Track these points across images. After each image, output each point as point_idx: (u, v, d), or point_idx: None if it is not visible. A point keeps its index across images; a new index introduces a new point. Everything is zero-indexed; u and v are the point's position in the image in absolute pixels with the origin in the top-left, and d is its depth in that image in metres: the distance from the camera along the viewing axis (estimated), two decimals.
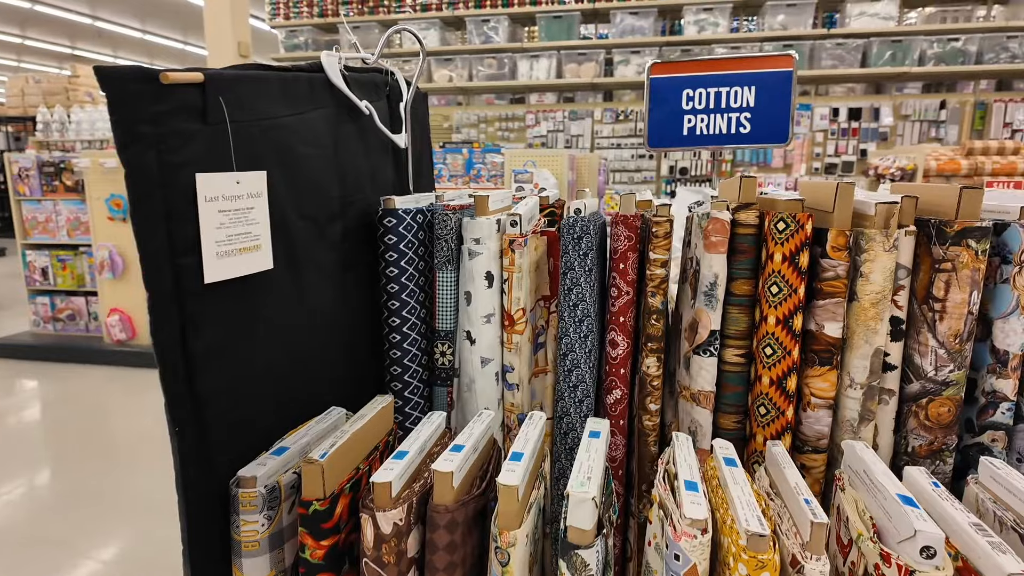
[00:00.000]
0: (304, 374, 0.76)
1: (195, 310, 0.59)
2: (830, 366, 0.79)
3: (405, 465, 0.63)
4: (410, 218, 0.87)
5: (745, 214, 0.82)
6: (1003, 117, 5.91)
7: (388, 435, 0.77)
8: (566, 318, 0.87)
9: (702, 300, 0.83)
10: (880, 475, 0.60)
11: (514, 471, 0.59)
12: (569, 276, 0.86)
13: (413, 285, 0.89)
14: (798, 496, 0.58)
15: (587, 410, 0.88)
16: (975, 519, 0.54)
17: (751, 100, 1.25)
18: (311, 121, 0.75)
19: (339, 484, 0.63)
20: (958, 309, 0.74)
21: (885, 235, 0.75)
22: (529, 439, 0.67)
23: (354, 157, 0.88)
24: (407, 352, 0.89)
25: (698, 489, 0.58)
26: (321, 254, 0.78)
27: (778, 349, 0.80)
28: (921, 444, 0.79)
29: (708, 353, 0.83)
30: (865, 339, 0.77)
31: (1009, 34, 5.56)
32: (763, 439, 0.82)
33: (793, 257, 0.78)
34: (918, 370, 0.78)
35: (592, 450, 0.65)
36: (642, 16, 6.17)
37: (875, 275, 0.76)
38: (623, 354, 0.88)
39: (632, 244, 0.86)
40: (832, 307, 0.78)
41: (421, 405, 0.92)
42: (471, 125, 6.95)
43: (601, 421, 0.74)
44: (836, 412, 0.81)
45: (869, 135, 6.03)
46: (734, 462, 0.65)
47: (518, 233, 0.86)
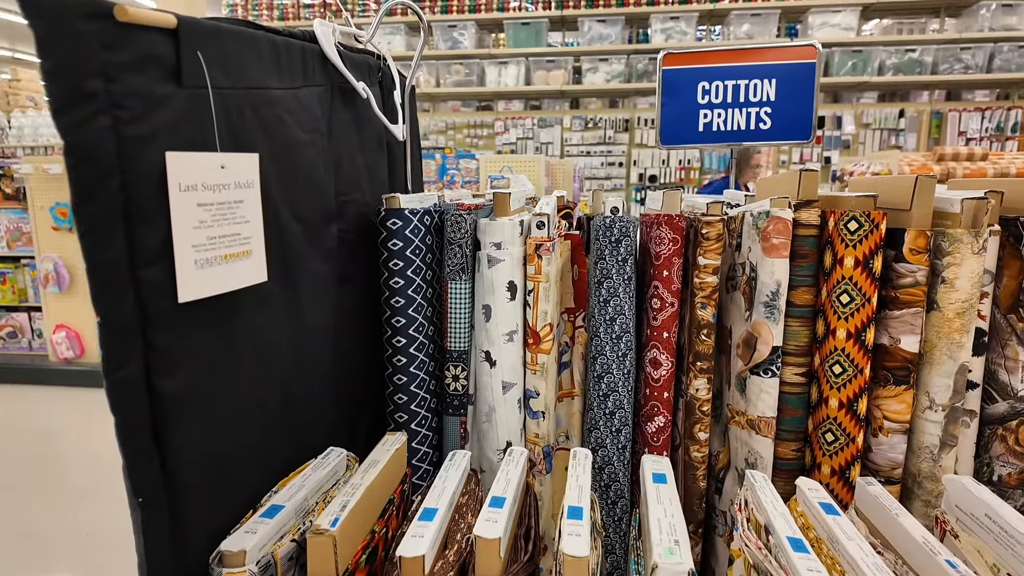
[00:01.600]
0: (297, 411, 0.62)
1: (165, 340, 0.44)
2: (906, 385, 0.69)
3: (436, 529, 0.50)
4: (417, 219, 0.74)
5: (807, 213, 0.72)
6: (957, 126, 6.11)
7: (402, 483, 0.64)
8: (601, 334, 0.75)
9: (761, 312, 0.72)
10: (1016, 521, 0.50)
11: (580, 536, 0.47)
12: (606, 286, 0.74)
13: (421, 298, 0.76)
14: (936, 556, 0.47)
15: (625, 440, 0.76)
16: None
17: (771, 94, 1.16)
18: (305, 100, 0.61)
19: (353, 556, 0.49)
20: None
21: (974, 235, 0.65)
22: (583, 487, 0.55)
23: (350, 148, 0.74)
24: (414, 377, 0.76)
25: (808, 551, 0.47)
26: (316, 264, 0.64)
27: (848, 367, 0.70)
28: (1010, 472, 0.69)
29: (770, 373, 0.72)
30: (948, 354, 0.68)
31: (962, 46, 5.75)
32: (830, 470, 0.71)
33: (867, 261, 0.68)
34: (1005, 388, 0.69)
35: (664, 500, 0.53)
36: (609, 24, 6.16)
37: (961, 281, 0.66)
38: (667, 375, 0.76)
39: (677, 248, 0.75)
40: (910, 318, 0.68)
41: (430, 439, 0.79)
42: (439, 132, 6.81)
43: (660, 459, 0.62)
44: (911, 437, 0.71)
45: (832, 143, 6.15)
46: (835, 510, 0.54)
47: (546, 236, 0.74)
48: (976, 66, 5.80)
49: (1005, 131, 6.05)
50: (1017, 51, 5.75)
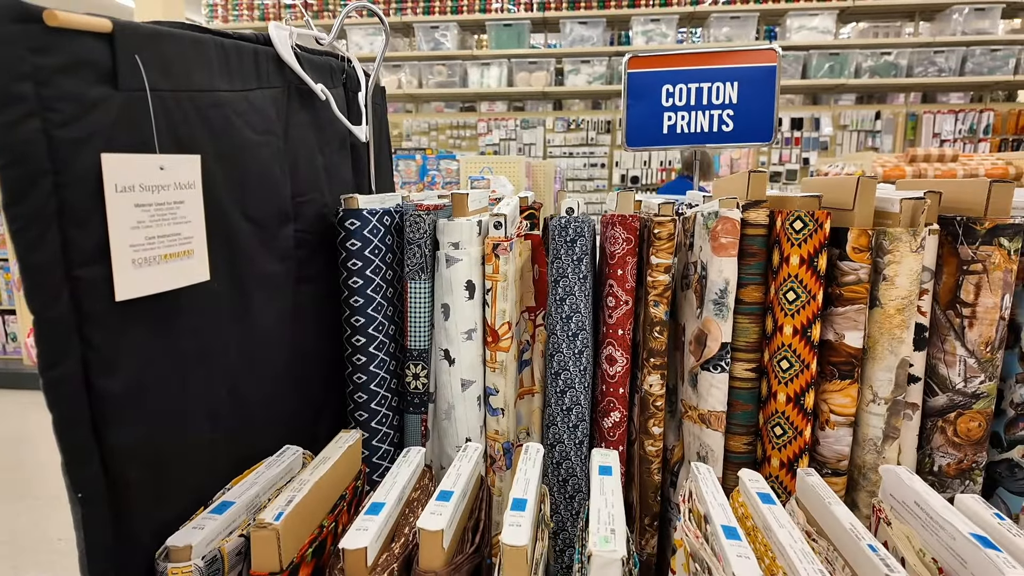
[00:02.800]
0: (250, 409, 0.62)
1: (103, 338, 0.45)
2: (851, 379, 0.72)
3: (382, 522, 0.51)
4: (376, 220, 0.75)
5: (755, 213, 0.74)
6: (932, 128, 6.23)
7: (356, 479, 0.64)
8: (558, 332, 0.77)
9: (711, 309, 0.74)
10: (941, 509, 0.52)
11: (520, 526, 0.48)
12: (562, 285, 0.76)
13: (380, 298, 0.77)
14: (859, 542, 0.49)
15: (582, 436, 0.78)
16: None
17: (734, 96, 1.19)
18: (257, 101, 0.62)
19: (299, 550, 0.50)
20: (989, 314, 0.68)
21: (912, 234, 0.68)
22: (530, 480, 0.56)
23: (308, 150, 0.75)
24: (374, 375, 0.77)
25: (740, 537, 0.49)
26: (270, 264, 0.65)
27: (795, 362, 0.72)
28: (949, 463, 0.72)
29: (719, 369, 0.74)
30: (890, 349, 0.70)
31: (935, 49, 5.86)
32: (779, 463, 0.73)
33: (812, 260, 0.70)
34: (944, 382, 0.71)
35: (607, 491, 0.54)
36: (591, 26, 6.20)
37: (901, 278, 0.69)
38: (622, 372, 0.78)
39: (631, 248, 0.77)
40: (853, 314, 0.71)
41: (391, 437, 0.80)
42: (422, 133, 6.81)
43: (608, 452, 0.64)
44: (856, 430, 0.74)
45: (811, 144, 6.24)
46: (771, 499, 0.56)
47: (503, 236, 0.75)
48: (949, 69, 5.92)
49: (978, 133, 6.18)
50: (989, 55, 5.87)
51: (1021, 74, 5.85)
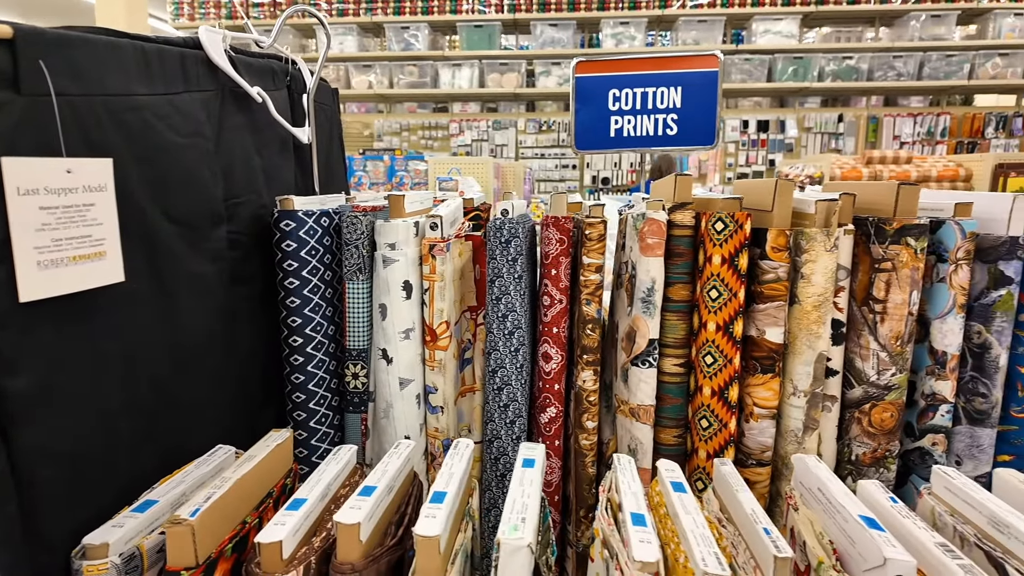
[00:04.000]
0: (180, 409, 0.63)
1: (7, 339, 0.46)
2: (773, 374, 0.75)
3: (301, 517, 0.52)
4: (312, 221, 0.76)
5: (681, 214, 0.77)
6: (892, 130, 6.42)
7: (286, 477, 0.65)
8: (495, 331, 0.79)
9: (639, 307, 0.77)
10: (838, 494, 0.55)
11: (435, 517, 0.50)
12: (497, 284, 0.78)
13: (318, 298, 0.78)
14: (756, 525, 0.51)
15: (519, 431, 0.80)
16: (940, 539, 0.50)
17: (677, 101, 1.22)
18: (184, 105, 0.62)
19: (219, 545, 0.51)
20: (899, 310, 0.72)
21: (826, 234, 0.71)
22: (454, 474, 0.58)
23: (244, 152, 0.75)
24: (312, 375, 0.78)
25: (646, 523, 0.51)
26: (199, 265, 0.65)
27: (719, 357, 0.75)
28: (865, 452, 0.75)
29: (647, 364, 0.77)
30: (808, 344, 0.73)
31: (895, 54, 6.04)
32: (706, 454, 0.76)
33: (732, 259, 0.73)
34: (860, 375, 0.75)
35: (526, 482, 0.56)
36: (561, 28, 6.24)
37: (816, 276, 0.72)
38: (557, 368, 0.80)
39: (565, 248, 0.79)
40: (773, 311, 0.74)
41: (331, 436, 0.81)
42: (393, 133, 6.78)
43: (536, 446, 0.66)
44: (779, 422, 0.77)
45: (776, 146, 6.37)
46: (683, 487, 0.58)
47: (439, 237, 0.77)
48: (908, 73, 6.10)
49: (935, 135, 6.38)
50: (945, 60, 6.07)
51: (975, 79, 6.06)
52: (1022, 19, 6.01)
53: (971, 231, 0.71)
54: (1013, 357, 0.74)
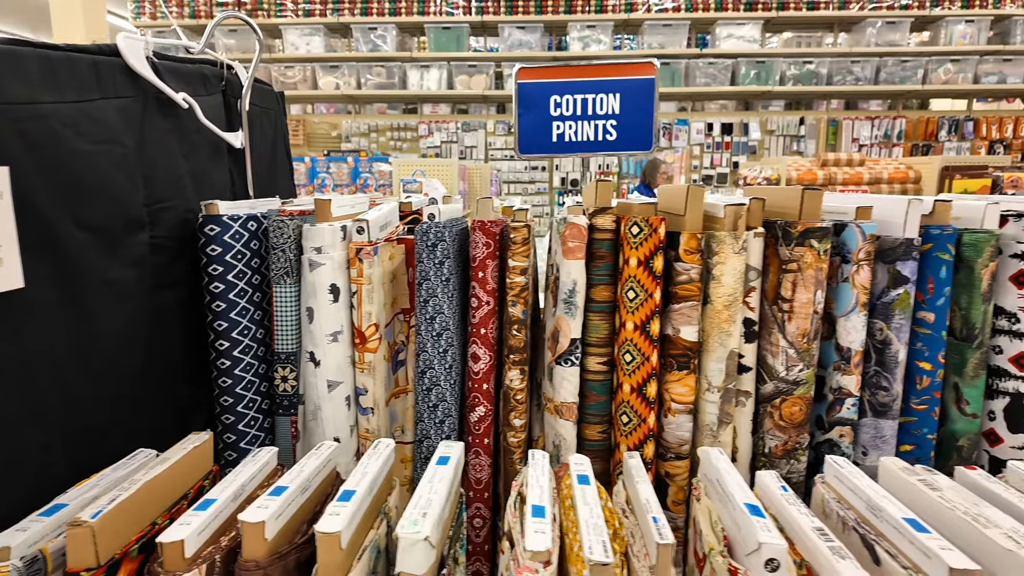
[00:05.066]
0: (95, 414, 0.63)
1: None
2: (688, 370, 0.78)
3: (209, 517, 0.53)
4: (239, 225, 0.77)
5: (602, 219, 0.80)
6: (851, 133, 6.60)
7: (205, 479, 0.66)
8: (423, 332, 0.80)
9: (562, 308, 0.79)
10: (730, 484, 0.58)
11: (338, 515, 0.51)
12: (425, 287, 0.79)
13: (245, 302, 0.78)
14: (647, 514, 0.54)
15: (449, 431, 0.82)
16: (818, 523, 0.53)
17: (616, 107, 1.25)
18: (97, 112, 0.63)
19: (123, 547, 0.52)
20: (804, 309, 0.76)
21: (734, 237, 0.75)
22: (367, 473, 0.59)
23: (169, 157, 0.76)
24: (240, 379, 0.78)
25: (544, 515, 0.53)
26: (115, 270, 0.66)
27: (637, 355, 0.78)
28: (777, 445, 0.79)
29: (570, 363, 0.79)
30: (720, 342, 0.77)
31: (853, 59, 6.21)
32: (626, 449, 0.79)
33: (648, 261, 0.76)
34: (771, 370, 0.79)
35: (436, 480, 0.58)
36: (529, 31, 6.29)
37: (726, 277, 0.75)
38: (486, 368, 0.82)
39: (491, 251, 0.81)
40: (687, 311, 0.77)
41: (261, 439, 0.82)
42: (361, 134, 6.74)
43: (454, 444, 0.67)
44: (696, 417, 0.80)
45: (740, 148, 6.51)
46: (587, 479, 0.61)
47: (366, 241, 0.78)
48: (865, 78, 6.28)
49: (892, 138, 6.58)
50: (900, 65, 6.26)
51: (928, 84, 6.26)
52: (972, 26, 6.23)
53: (871, 233, 0.75)
54: (912, 352, 0.78)
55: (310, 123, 6.86)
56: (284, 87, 6.45)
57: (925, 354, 0.77)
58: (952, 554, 0.46)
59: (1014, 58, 6.14)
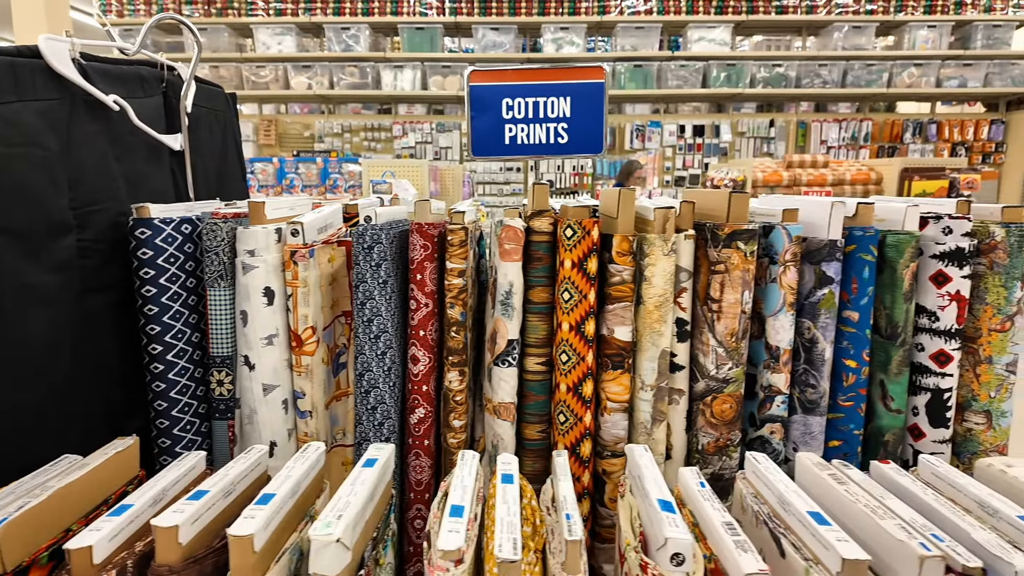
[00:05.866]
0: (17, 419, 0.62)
1: None
2: (623, 369, 0.79)
3: (123, 522, 0.53)
4: (171, 228, 0.76)
5: (539, 221, 0.81)
6: (820, 135, 6.73)
7: (129, 484, 0.66)
8: (361, 335, 0.81)
9: (499, 309, 0.80)
10: (648, 480, 0.60)
11: (253, 518, 0.51)
12: (361, 289, 0.80)
13: (179, 305, 0.78)
14: (562, 510, 0.55)
15: (388, 433, 0.82)
16: (728, 518, 0.55)
17: (567, 110, 1.27)
18: (14, 115, 0.62)
19: (32, 554, 0.51)
20: (732, 308, 0.77)
21: (663, 239, 0.76)
22: (290, 477, 0.60)
23: (100, 159, 0.75)
24: (174, 383, 0.78)
25: (462, 514, 0.54)
26: (36, 275, 0.65)
27: (573, 355, 0.79)
28: (709, 441, 0.81)
29: (507, 363, 0.80)
30: (652, 341, 0.78)
31: (820, 62, 6.33)
32: (563, 447, 0.80)
33: (582, 263, 0.78)
34: (702, 369, 0.80)
35: (358, 483, 0.58)
36: (503, 32, 6.30)
37: (657, 278, 0.77)
38: (425, 370, 0.83)
39: (429, 254, 0.81)
40: (620, 311, 0.78)
41: (197, 443, 0.81)
42: (334, 135, 6.69)
43: (384, 447, 0.68)
44: (631, 415, 0.81)
45: (712, 150, 6.59)
46: (511, 478, 0.62)
47: (301, 243, 0.78)
48: (833, 81, 6.41)
49: (859, 140, 6.72)
50: (866, 69, 6.40)
51: (893, 87, 6.41)
52: (934, 31, 6.39)
53: (796, 235, 0.77)
54: (838, 351, 0.80)
55: (282, 123, 6.79)
56: (256, 87, 6.38)
57: (851, 352, 0.80)
58: (847, 545, 0.48)
59: (974, 63, 6.31)
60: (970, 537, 0.51)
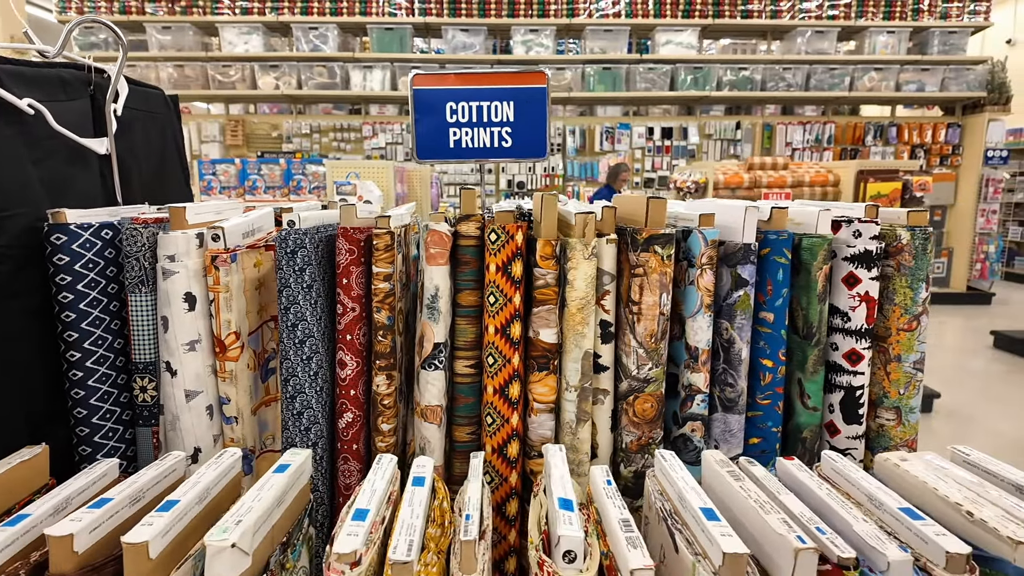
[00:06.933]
0: None
1: None
2: (548, 371, 0.81)
3: (18, 531, 0.52)
4: (90, 234, 0.76)
5: (466, 226, 0.82)
6: (785, 137, 6.87)
7: (37, 493, 0.65)
8: (285, 340, 0.81)
9: (426, 313, 0.81)
10: (554, 479, 0.61)
11: (151, 525, 0.51)
12: (285, 294, 0.80)
13: (99, 312, 0.77)
14: (463, 512, 0.56)
15: (315, 438, 0.82)
16: (625, 515, 0.56)
17: (511, 115, 1.28)
18: None
19: None
20: (651, 310, 0.79)
21: (583, 243, 0.78)
22: (198, 483, 0.60)
23: (13, 164, 0.74)
24: (95, 390, 0.77)
25: (365, 518, 0.55)
26: None
27: (499, 358, 0.80)
28: (632, 440, 0.82)
29: (434, 367, 0.81)
30: (575, 343, 0.80)
31: (784, 66, 6.46)
32: (491, 449, 0.81)
33: (506, 267, 0.79)
34: (625, 369, 0.82)
35: (265, 488, 0.59)
36: (472, 33, 6.30)
37: (578, 282, 0.78)
38: (352, 374, 0.83)
39: (355, 258, 0.82)
40: (545, 314, 0.80)
41: (120, 450, 0.80)
42: (303, 135, 6.63)
43: (300, 452, 0.68)
44: (558, 415, 0.83)
45: (680, 152, 6.68)
46: (422, 481, 0.63)
47: (222, 248, 0.78)
48: (797, 84, 6.54)
49: (822, 142, 6.88)
50: (828, 73, 6.55)
51: (855, 91, 6.57)
52: (893, 36, 6.57)
53: (712, 239, 0.79)
54: (755, 350, 0.83)
55: (250, 123, 6.70)
56: (222, 86, 6.29)
57: (767, 352, 0.82)
58: (730, 540, 0.50)
59: (931, 68, 6.50)
60: (852, 529, 0.54)
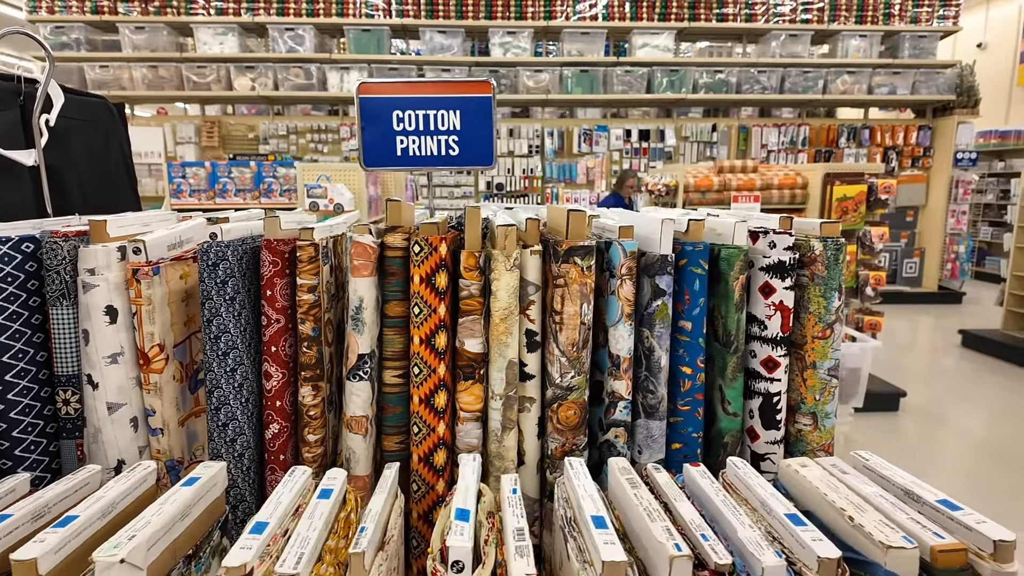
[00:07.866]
0: None
1: None
2: (474, 380, 0.82)
3: None
4: (8, 248, 0.76)
5: (392, 237, 0.83)
6: (761, 139, 6.94)
7: None
8: (209, 352, 0.81)
9: (351, 324, 0.82)
10: (460, 490, 0.62)
11: (43, 541, 0.52)
12: (207, 306, 0.80)
13: (20, 325, 0.77)
14: (361, 523, 0.57)
15: (241, 449, 0.82)
16: (520, 524, 0.58)
17: (457, 123, 1.29)
18: None
19: None
20: (572, 320, 0.81)
21: (505, 255, 0.79)
22: (103, 497, 0.60)
23: None
24: (15, 403, 0.77)
25: (263, 531, 0.55)
26: None
27: (424, 368, 0.81)
28: (557, 446, 0.84)
29: (357, 378, 0.82)
30: (499, 353, 0.81)
31: (759, 69, 6.54)
32: (417, 458, 0.82)
33: (430, 278, 0.80)
34: (550, 378, 0.83)
35: (168, 502, 0.59)
36: (450, 35, 6.30)
37: (501, 292, 0.80)
38: (278, 386, 0.84)
39: (279, 270, 0.82)
40: (470, 324, 0.81)
41: (44, 464, 0.80)
42: (280, 136, 6.58)
43: (212, 464, 0.69)
44: (485, 423, 0.84)
45: (657, 154, 6.74)
46: (328, 494, 0.63)
47: (144, 261, 0.78)
48: (771, 87, 6.62)
49: (797, 144, 6.97)
50: (802, 76, 6.63)
51: (828, 93, 6.66)
52: (865, 40, 6.68)
53: (631, 250, 0.81)
54: (675, 358, 0.85)
55: (226, 124, 6.64)
56: (197, 87, 6.23)
57: (686, 359, 0.84)
58: (611, 548, 0.51)
59: (902, 71, 6.62)
60: (736, 535, 0.56)
